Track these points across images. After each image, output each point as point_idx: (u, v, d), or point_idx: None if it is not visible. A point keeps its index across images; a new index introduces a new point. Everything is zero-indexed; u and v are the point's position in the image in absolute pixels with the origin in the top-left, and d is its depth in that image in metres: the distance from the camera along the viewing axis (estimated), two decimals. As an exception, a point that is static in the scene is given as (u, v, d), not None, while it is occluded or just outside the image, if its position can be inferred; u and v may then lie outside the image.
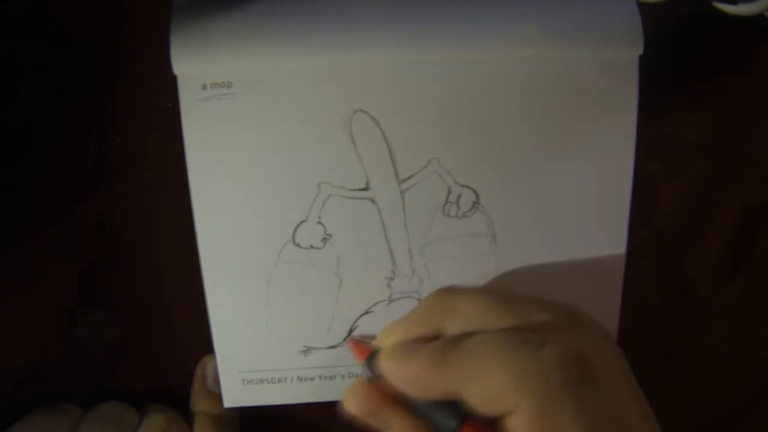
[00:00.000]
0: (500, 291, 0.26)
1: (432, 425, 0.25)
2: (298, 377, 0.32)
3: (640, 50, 0.29)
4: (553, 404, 0.22)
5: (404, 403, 0.25)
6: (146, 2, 0.30)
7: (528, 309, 0.25)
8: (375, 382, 0.26)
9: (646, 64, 0.29)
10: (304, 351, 0.32)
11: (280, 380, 0.32)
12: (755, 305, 0.36)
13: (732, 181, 0.34)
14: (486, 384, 0.22)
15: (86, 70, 0.31)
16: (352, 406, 0.26)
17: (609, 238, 0.31)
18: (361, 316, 0.31)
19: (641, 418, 0.23)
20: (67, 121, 0.31)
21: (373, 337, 0.28)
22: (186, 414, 0.34)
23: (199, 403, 0.34)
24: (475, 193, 0.30)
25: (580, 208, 0.31)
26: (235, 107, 0.29)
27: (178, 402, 0.34)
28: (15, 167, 0.32)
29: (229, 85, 0.29)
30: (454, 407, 0.24)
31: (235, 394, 0.32)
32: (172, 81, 0.28)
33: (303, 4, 0.29)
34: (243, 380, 0.32)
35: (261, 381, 0.32)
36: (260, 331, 0.31)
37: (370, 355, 0.27)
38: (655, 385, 0.37)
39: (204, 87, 0.29)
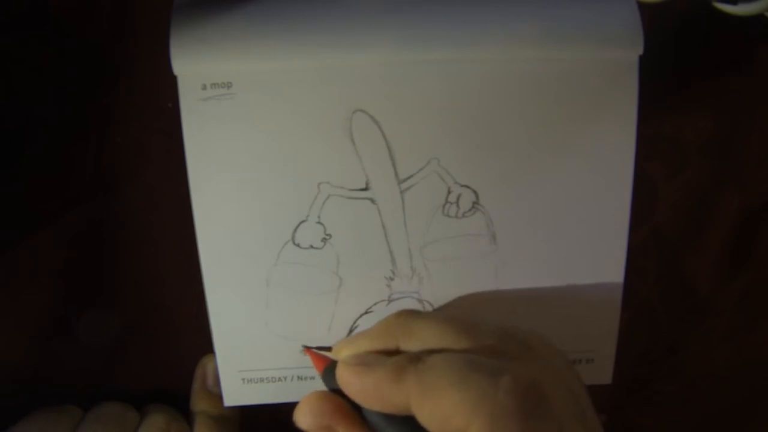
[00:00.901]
0: (461, 317, 0.26)
1: None
2: (298, 376, 0.32)
3: (640, 50, 0.29)
4: (503, 430, 0.22)
5: (357, 418, 0.25)
6: (146, 2, 0.30)
7: (486, 334, 0.25)
8: (329, 395, 0.26)
9: (646, 64, 0.29)
10: (303, 350, 0.32)
11: (280, 379, 0.32)
12: (755, 305, 0.36)
13: (732, 181, 0.34)
14: (440, 403, 0.23)
15: (86, 70, 0.31)
16: (305, 420, 0.26)
17: (609, 237, 0.31)
18: (361, 316, 0.32)
19: None
20: (67, 121, 0.31)
21: (328, 349, 0.28)
22: (186, 413, 0.34)
23: (199, 403, 0.34)
24: (475, 193, 0.30)
25: (580, 208, 0.31)
26: (235, 107, 0.29)
27: (178, 402, 0.34)
28: (14, 167, 0.32)
29: (229, 85, 0.29)
30: (408, 423, 0.24)
31: (235, 394, 0.32)
32: (172, 81, 0.28)
33: (303, 4, 0.29)
34: (243, 379, 0.32)
35: (261, 380, 0.32)
36: (260, 330, 0.31)
37: (327, 366, 0.27)
38: (655, 385, 0.37)
39: (204, 87, 0.29)
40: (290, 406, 0.32)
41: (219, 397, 0.32)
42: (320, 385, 0.32)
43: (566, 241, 0.31)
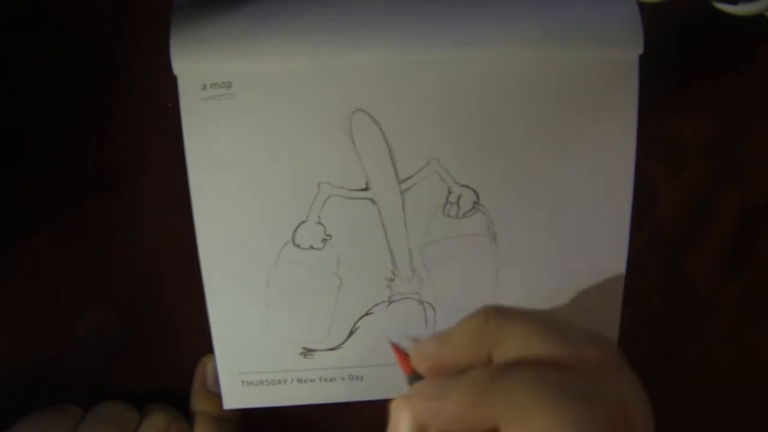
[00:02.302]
0: (551, 319, 0.25)
1: None
2: (297, 379, 0.32)
3: (640, 50, 0.29)
4: None
5: None
6: (146, 2, 0.30)
7: (578, 341, 0.24)
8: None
9: (646, 64, 0.29)
10: (303, 352, 0.32)
11: (279, 382, 0.32)
12: (755, 305, 0.36)
13: (732, 181, 0.34)
14: (531, 427, 0.22)
15: (86, 70, 0.31)
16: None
17: (609, 238, 0.31)
18: (362, 317, 0.31)
19: None
20: (67, 121, 0.31)
21: (415, 340, 0.27)
22: (186, 413, 0.34)
23: (199, 403, 0.34)
24: (475, 193, 0.30)
25: (580, 208, 0.31)
26: (235, 107, 0.29)
27: (178, 402, 0.34)
28: (14, 167, 0.32)
29: (229, 85, 0.29)
30: None
31: (234, 396, 0.32)
32: (172, 81, 0.28)
33: (303, 4, 0.29)
34: (243, 382, 0.32)
35: (261, 383, 0.32)
36: (260, 332, 0.31)
37: (411, 376, 0.26)
38: (655, 385, 0.37)
39: (204, 87, 0.29)
40: (290, 408, 0.32)
41: (219, 397, 0.32)
42: (320, 387, 0.33)
43: (566, 241, 0.31)
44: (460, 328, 0.25)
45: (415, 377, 0.26)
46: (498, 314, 0.25)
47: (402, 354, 0.27)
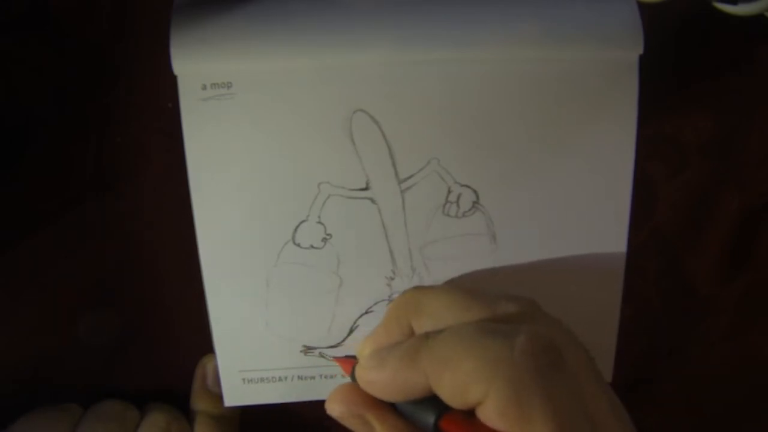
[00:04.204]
0: (468, 288, 0.26)
1: (414, 424, 0.25)
2: (298, 376, 0.32)
3: (640, 50, 0.29)
4: (523, 390, 0.21)
5: (387, 405, 0.26)
6: (146, 2, 0.30)
7: (495, 301, 0.25)
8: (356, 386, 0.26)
9: (646, 64, 0.29)
10: (304, 350, 0.32)
11: (280, 379, 0.32)
12: (755, 305, 0.36)
13: (732, 181, 0.34)
14: (456, 374, 0.22)
15: (86, 70, 0.31)
16: (336, 409, 0.26)
17: (609, 237, 0.31)
18: (362, 315, 0.31)
19: (609, 409, 0.23)
20: (67, 121, 0.31)
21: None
22: (186, 413, 0.34)
23: (199, 403, 0.34)
24: (475, 193, 0.30)
25: (580, 207, 0.31)
26: (235, 107, 0.29)
27: (178, 401, 0.34)
28: (14, 167, 0.32)
29: (229, 85, 0.29)
30: (433, 403, 0.24)
31: (235, 394, 0.32)
32: (172, 81, 0.28)
33: (303, 4, 0.29)
34: (243, 379, 0.32)
35: (261, 380, 0.32)
36: (260, 330, 0.31)
37: (352, 369, 0.27)
38: (655, 385, 0.37)
39: (204, 87, 0.29)
40: (290, 406, 0.32)
41: (219, 396, 0.32)
42: (320, 385, 0.33)
43: (566, 241, 0.31)
44: (386, 312, 0.27)
45: (353, 372, 0.27)
46: (415, 289, 0.27)
47: (344, 360, 0.29)
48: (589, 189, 0.31)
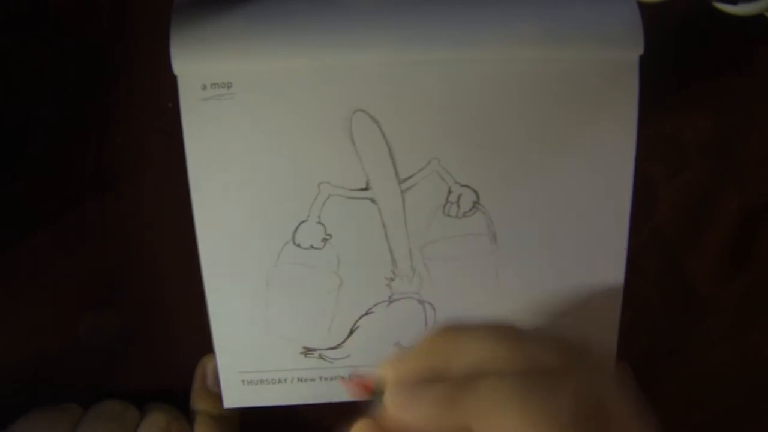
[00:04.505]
0: (506, 329, 0.25)
1: None
2: (298, 378, 0.32)
3: (640, 50, 0.29)
4: None
5: None
6: (146, 2, 0.30)
7: (536, 351, 0.24)
8: (376, 424, 0.25)
9: (646, 64, 0.29)
10: (304, 351, 0.32)
11: (280, 381, 0.32)
12: (755, 305, 0.36)
13: (732, 181, 0.34)
14: (500, 426, 0.22)
15: (86, 70, 0.31)
16: None
17: (609, 238, 0.31)
18: (362, 316, 0.31)
19: None
20: (67, 121, 0.31)
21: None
22: (186, 413, 0.34)
23: (199, 403, 0.34)
24: (475, 193, 0.30)
25: (580, 208, 0.31)
26: (235, 107, 0.29)
27: (178, 402, 0.34)
28: (14, 167, 0.32)
29: (229, 85, 0.29)
30: None
31: (235, 395, 0.32)
32: (172, 81, 0.28)
33: (303, 4, 0.29)
34: (243, 381, 0.32)
35: (261, 382, 0.32)
36: (260, 331, 0.31)
37: (375, 391, 0.26)
38: (655, 385, 0.37)
39: (204, 87, 0.29)
40: (290, 406, 0.32)
41: (219, 396, 0.32)
42: (320, 386, 0.32)
43: (566, 241, 0.31)
44: (419, 343, 0.26)
45: (377, 395, 0.26)
46: (454, 329, 0.25)
47: (358, 382, 0.28)
48: (589, 189, 0.31)
